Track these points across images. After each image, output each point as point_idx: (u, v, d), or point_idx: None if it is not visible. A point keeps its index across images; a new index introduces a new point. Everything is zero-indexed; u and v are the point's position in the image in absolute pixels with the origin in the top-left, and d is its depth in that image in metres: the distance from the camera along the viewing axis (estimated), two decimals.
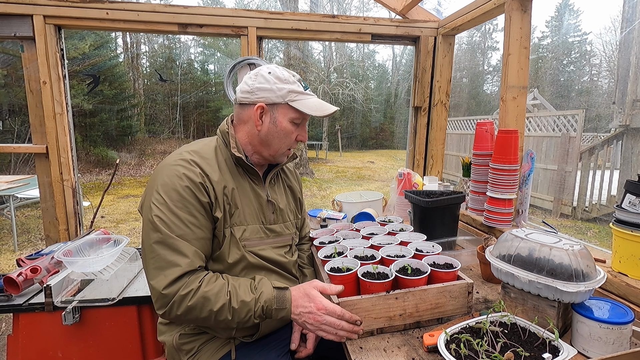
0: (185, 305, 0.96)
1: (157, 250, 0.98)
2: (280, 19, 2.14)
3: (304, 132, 1.19)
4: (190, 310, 0.97)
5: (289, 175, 1.38)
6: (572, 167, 6.70)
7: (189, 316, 0.98)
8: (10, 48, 8.78)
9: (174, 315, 0.98)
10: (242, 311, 0.99)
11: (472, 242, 1.66)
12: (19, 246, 4.78)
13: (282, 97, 1.10)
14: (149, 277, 0.99)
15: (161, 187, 1.02)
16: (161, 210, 1.00)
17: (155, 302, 0.98)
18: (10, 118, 9.70)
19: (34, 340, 1.47)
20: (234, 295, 1.00)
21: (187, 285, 0.97)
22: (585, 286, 0.87)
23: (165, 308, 0.97)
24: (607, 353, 0.84)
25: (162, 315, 0.99)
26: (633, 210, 1.06)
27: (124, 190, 8.84)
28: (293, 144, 1.18)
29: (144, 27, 2.03)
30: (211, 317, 0.98)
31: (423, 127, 2.51)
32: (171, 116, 15.30)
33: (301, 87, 1.13)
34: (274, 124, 1.12)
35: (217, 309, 0.97)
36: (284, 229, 1.25)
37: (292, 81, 1.13)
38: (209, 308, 0.97)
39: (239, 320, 1.00)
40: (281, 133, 1.13)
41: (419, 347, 0.97)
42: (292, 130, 1.14)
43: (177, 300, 0.96)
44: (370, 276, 1.07)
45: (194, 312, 0.97)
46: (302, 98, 1.12)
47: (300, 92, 1.12)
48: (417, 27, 2.33)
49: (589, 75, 23.45)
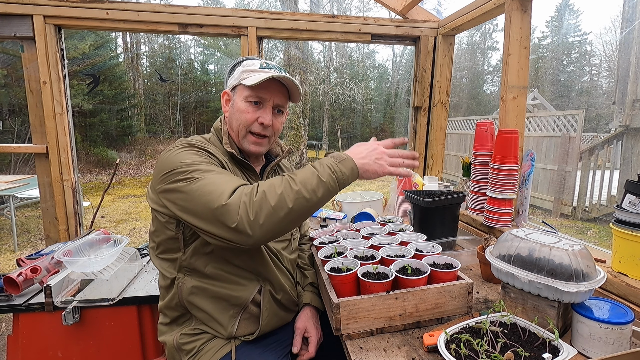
0: (253, 201, 0.87)
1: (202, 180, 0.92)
2: (280, 19, 2.14)
3: (265, 113, 1.13)
4: (261, 205, 0.87)
5: (285, 171, 1.38)
6: (572, 167, 6.70)
7: (263, 211, 0.87)
8: (10, 48, 8.78)
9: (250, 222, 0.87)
10: (308, 180, 0.92)
11: (472, 242, 1.65)
12: (19, 246, 4.78)
13: (237, 79, 1.14)
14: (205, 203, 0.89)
15: (172, 158, 0.99)
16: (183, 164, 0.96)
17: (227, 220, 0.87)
18: (10, 118, 9.70)
19: (34, 340, 1.47)
20: (293, 176, 0.94)
21: (246, 188, 0.91)
22: (585, 286, 0.87)
23: (236, 217, 0.86)
24: (607, 353, 0.84)
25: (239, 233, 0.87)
26: (633, 210, 1.06)
27: (124, 190, 8.84)
28: (253, 126, 1.13)
29: (144, 27, 2.03)
30: (283, 200, 0.88)
31: (423, 127, 2.51)
32: (171, 116, 15.31)
33: (257, 67, 1.13)
34: (233, 106, 1.16)
35: (282, 190, 0.89)
36: None
37: (252, 63, 1.14)
38: (276, 191, 0.89)
39: (310, 188, 0.91)
40: (237, 113, 1.14)
41: (419, 347, 0.97)
42: (248, 110, 1.12)
43: (245, 200, 0.88)
44: (370, 276, 1.07)
45: (265, 205, 0.87)
46: (252, 74, 1.11)
47: (252, 70, 1.12)
48: (417, 27, 2.33)
49: (589, 75, 23.46)
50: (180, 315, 1.13)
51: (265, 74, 1.10)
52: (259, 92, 1.12)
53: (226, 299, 1.10)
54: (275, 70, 1.13)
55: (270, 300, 1.16)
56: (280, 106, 1.17)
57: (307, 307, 1.24)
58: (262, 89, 1.11)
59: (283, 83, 1.15)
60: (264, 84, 1.10)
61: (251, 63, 1.15)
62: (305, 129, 11.37)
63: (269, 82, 1.11)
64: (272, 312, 1.16)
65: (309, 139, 13.64)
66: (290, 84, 1.15)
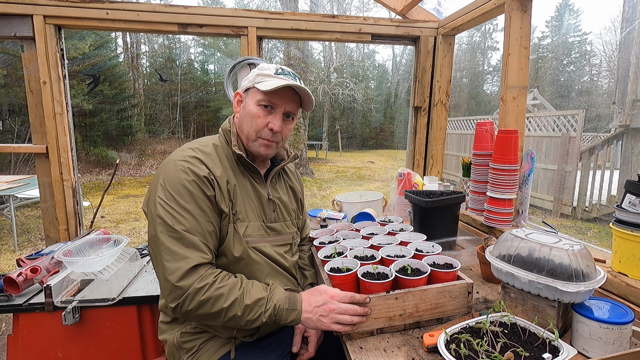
0: (198, 300, 0.95)
1: (167, 245, 0.98)
2: (280, 19, 2.14)
3: (275, 119, 1.13)
4: (202, 305, 0.96)
5: (290, 175, 1.39)
6: (572, 167, 6.70)
7: (200, 311, 0.96)
8: (10, 48, 8.78)
9: (184, 310, 0.96)
10: (254, 308, 0.98)
11: (472, 242, 1.65)
12: (19, 246, 4.78)
13: (251, 82, 1.14)
14: (161, 271, 0.97)
15: (167, 183, 1.02)
16: (169, 204, 1.00)
17: (168, 296, 0.96)
18: (10, 118, 9.70)
19: (34, 340, 1.47)
20: (247, 292, 1.00)
21: (203, 279, 0.96)
22: (585, 286, 0.87)
23: (178, 301, 0.95)
24: (607, 353, 0.84)
25: (173, 309, 0.97)
26: (633, 210, 1.06)
27: (124, 190, 8.84)
28: (263, 131, 1.13)
29: (144, 27, 2.03)
30: (221, 313, 0.97)
31: (423, 127, 2.51)
32: (171, 116, 15.31)
33: (272, 72, 1.13)
34: (244, 108, 1.16)
35: (229, 304, 0.96)
36: (284, 228, 1.25)
37: (267, 67, 1.14)
38: (221, 303, 0.96)
39: (249, 319, 0.98)
40: (248, 116, 1.14)
41: (419, 347, 0.97)
42: (259, 114, 1.12)
43: (191, 292, 0.95)
44: (370, 276, 1.07)
45: (205, 306, 0.96)
46: (267, 80, 1.11)
47: (267, 75, 1.12)
48: (417, 27, 2.33)
49: (589, 75, 23.46)
50: None
51: (279, 80, 1.10)
52: (272, 98, 1.12)
53: None
54: (289, 77, 1.13)
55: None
56: (290, 113, 1.17)
57: None
58: (275, 94, 1.12)
59: (296, 90, 1.16)
60: (278, 90, 1.10)
61: (267, 67, 1.14)
62: (305, 129, 11.35)
63: (282, 89, 1.11)
64: None
65: (309, 139, 13.63)
66: (304, 93, 1.16)
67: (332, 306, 0.99)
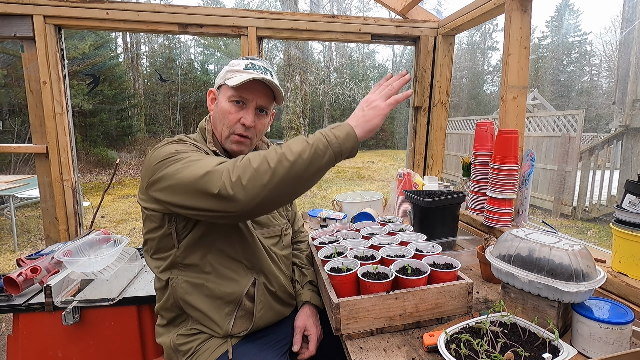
0: (235, 167, 0.85)
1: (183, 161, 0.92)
2: (280, 19, 2.14)
3: (247, 114, 1.12)
4: (244, 167, 0.84)
5: None
6: (572, 167, 6.70)
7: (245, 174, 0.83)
8: (10, 48, 8.78)
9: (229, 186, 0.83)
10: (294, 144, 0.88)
11: (472, 242, 1.65)
12: (19, 246, 4.78)
13: (222, 78, 1.14)
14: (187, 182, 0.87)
15: (157, 153, 0.99)
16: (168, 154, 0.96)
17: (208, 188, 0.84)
18: (10, 118, 9.70)
19: (34, 340, 1.47)
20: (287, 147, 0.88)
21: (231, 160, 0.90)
22: (585, 286, 0.87)
23: (219, 183, 0.84)
24: (607, 353, 0.84)
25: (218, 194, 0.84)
26: (633, 210, 1.06)
27: (124, 190, 8.84)
28: (236, 127, 1.12)
29: (144, 27, 2.03)
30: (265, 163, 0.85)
31: (423, 127, 2.51)
32: (171, 116, 15.30)
33: (242, 67, 1.12)
34: (217, 105, 1.15)
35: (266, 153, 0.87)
36: (270, 220, 1.25)
37: (237, 63, 1.14)
38: (258, 155, 0.87)
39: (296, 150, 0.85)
40: (220, 113, 1.13)
41: (419, 347, 0.97)
42: (231, 110, 1.11)
43: (228, 168, 0.86)
44: (370, 276, 1.07)
45: (247, 167, 0.84)
46: (236, 75, 1.11)
47: (237, 71, 1.11)
48: (417, 27, 2.33)
49: (589, 75, 23.45)
50: (177, 316, 1.13)
51: (248, 74, 1.09)
52: (242, 93, 1.11)
53: (220, 297, 1.10)
54: (259, 72, 1.12)
55: (264, 293, 1.16)
56: (263, 107, 1.16)
57: (306, 306, 1.24)
58: (245, 89, 1.11)
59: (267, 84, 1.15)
60: (247, 84, 1.09)
61: (237, 63, 1.14)
62: (305, 129, 11.36)
63: (252, 83, 1.10)
64: (267, 305, 1.16)
65: None
66: (273, 86, 1.14)
67: (368, 97, 0.96)
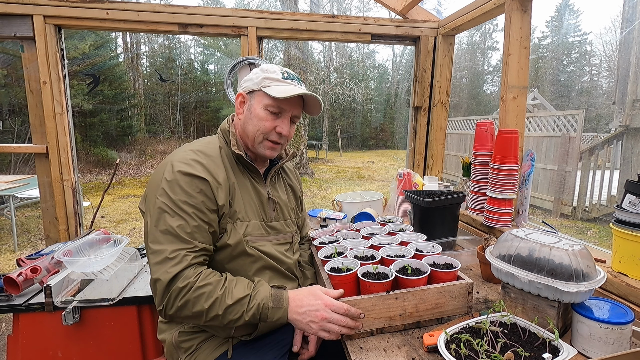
0: (178, 304, 0.96)
1: (162, 241, 0.98)
2: (280, 19, 2.14)
3: (283, 124, 1.14)
4: (183, 307, 0.96)
5: (289, 174, 1.39)
6: (572, 167, 6.70)
7: (183, 313, 0.97)
8: (10, 48, 8.78)
9: (169, 314, 0.98)
10: (235, 307, 0.98)
11: (472, 242, 1.65)
12: (19, 246, 4.78)
13: (257, 84, 1.13)
14: (153, 271, 0.98)
15: (166, 183, 1.02)
16: (167, 204, 1.00)
17: (156, 297, 0.98)
18: (10, 118, 9.70)
19: (34, 340, 1.47)
20: (229, 292, 0.99)
21: (185, 279, 0.96)
22: (585, 286, 0.87)
23: (162, 303, 0.96)
24: (607, 353, 0.84)
25: (160, 311, 0.99)
26: (633, 210, 1.06)
27: (124, 190, 8.84)
28: (270, 134, 1.14)
29: (144, 27, 2.03)
30: (202, 314, 0.97)
31: (423, 127, 2.51)
32: (171, 116, 15.30)
33: (279, 76, 1.13)
34: (250, 110, 1.15)
35: (209, 305, 0.96)
36: (284, 227, 1.26)
37: (273, 70, 1.14)
38: (201, 304, 0.96)
39: (231, 319, 0.98)
40: (255, 119, 1.13)
41: (419, 347, 0.97)
42: (267, 118, 1.12)
43: (173, 294, 0.95)
44: (370, 276, 1.07)
45: (185, 308, 0.96)
46: (275, 84, 1.12)
47: (275, 79, 1.12)
48: (417, 27, 2.33)
49: (589, 75, 23.45)
50: None
51: (289, 86, 1.12)
52: (282, 104, 1.13)
53: None
54: (296, 82, 1.15)
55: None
56: (296, 117, 1.19)
57: None
58: (284, 101, 1.12)
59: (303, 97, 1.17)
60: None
61: (272, 70, 1.14)
62: (305, 129, 11.36)
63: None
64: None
65: (309, 139, 13.63)
66: (313, 100, 1.17)
67: (325, 315, 0.98)
